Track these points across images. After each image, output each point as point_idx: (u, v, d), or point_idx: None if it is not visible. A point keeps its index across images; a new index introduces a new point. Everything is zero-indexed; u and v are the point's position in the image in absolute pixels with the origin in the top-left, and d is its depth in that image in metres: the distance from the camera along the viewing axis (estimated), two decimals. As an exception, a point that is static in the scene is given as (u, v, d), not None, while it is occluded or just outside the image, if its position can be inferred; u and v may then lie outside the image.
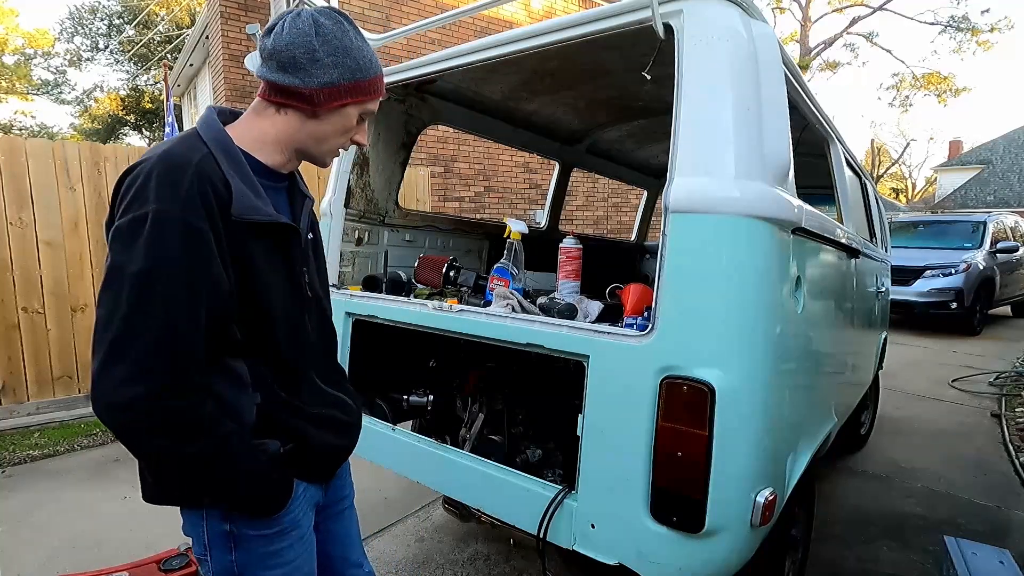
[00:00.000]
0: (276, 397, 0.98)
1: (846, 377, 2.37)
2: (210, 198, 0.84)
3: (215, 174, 0.87)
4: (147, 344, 0.80)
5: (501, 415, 2.06)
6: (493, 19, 8.11)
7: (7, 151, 3.75)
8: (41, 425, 3.85)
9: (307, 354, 1.04)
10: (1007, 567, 1.84)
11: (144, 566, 2.09)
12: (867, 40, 23.08)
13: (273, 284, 0.95)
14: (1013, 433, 3.83)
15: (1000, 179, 26.07)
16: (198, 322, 0.83)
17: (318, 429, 1.04)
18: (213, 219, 0.84)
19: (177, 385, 0.82)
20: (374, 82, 0.98)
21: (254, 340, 0.94)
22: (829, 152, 2.29)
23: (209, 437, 0.86)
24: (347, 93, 0.95)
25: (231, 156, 0.91)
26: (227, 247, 0.86)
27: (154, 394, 0.80)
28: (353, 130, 1.01)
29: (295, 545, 1.04)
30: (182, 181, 0.83)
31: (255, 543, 0.99)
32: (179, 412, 0.83)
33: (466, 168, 7.96)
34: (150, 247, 0.80)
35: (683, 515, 1.23)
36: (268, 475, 0.95)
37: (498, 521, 1.65)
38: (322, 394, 1.08)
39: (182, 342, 0.82)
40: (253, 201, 0.90)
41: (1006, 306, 9.17)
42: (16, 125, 24.48)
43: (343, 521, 1.26)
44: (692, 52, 1.29)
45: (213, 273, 0.84)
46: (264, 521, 0.99)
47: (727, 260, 1.22)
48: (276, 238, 0.95)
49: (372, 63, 0.97)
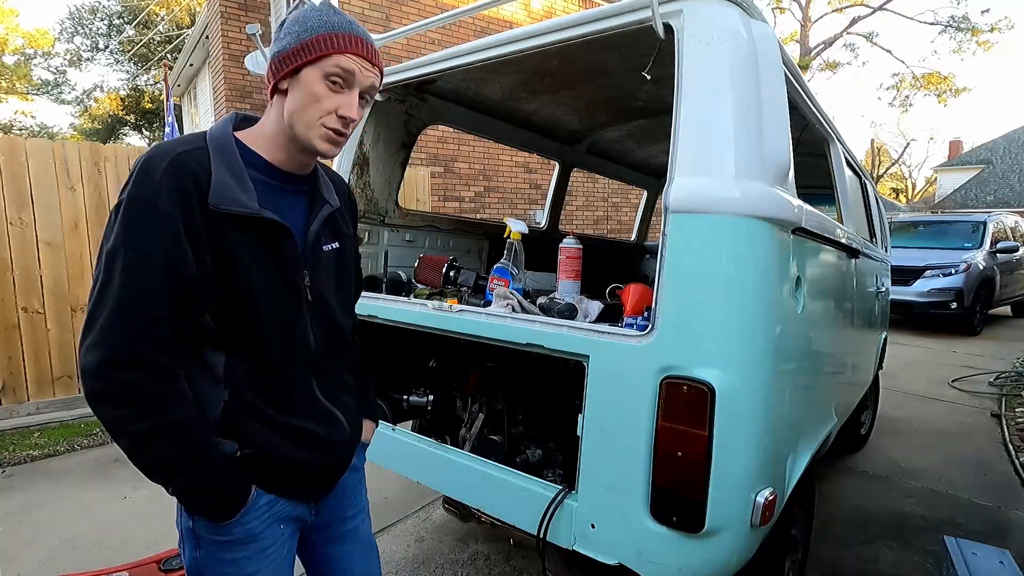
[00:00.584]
0: (243, 397, 0.95)
1: (846, 377, 2.37)
2: (185, 185, 0.86)
3: (198, 166, 0.88)
4: (108, 314, 0.83)
5: (501, 415, 2.06)
6: (493, 19, 8.11)
7: (7, 151, 3.75)
8: (41, 425, 3.85)
9: (303, 360, 1.01)
10: (1007, 567, 1.84)
11: (144, 566, 2.09)
12: (867, 40, 23.09)
13: (258, 280, 0.93)
14: (1013, 433, 3.83)
15: (1000, 179, 26.07)
16: (158, 299, 0.85)
17: (284, 439, 0.99)
18: (186, 205, 0.86)
19: (133, 357, 0.84)
20: (327, 38, 0.90)
21: (236, 334, 0.94)
22: (829, 152, 2.29)
23: (161, 419, 0.86)
24: (295, 56, 0.91)
25: (225, 152, 0.92)
26: (204, 234, 0.87)
27: (109, 361, 0.83)
28: (326, 99, 0.91)
29: (254, 558, 1.00)
30: (156, 169, 0.86)
31: (212, 547, 0.98)
32: (134, 386, 0.84)
33: (466, 168, 7.96)
34: (120, 228, 0.85)
35: (683, 515, 1.22)
36: (217, 475, 0.92)
37: (498, 521, 1.65)
38: (313, 404, 1.04)
39: (140, 315, 0.84)
40: (234, 193, 0.89)
41: (1006, 306, 9.17)
42: (16, 125, 24.50)
43: (345, 544, 1.20)
44: (692, 52, 1.29)
45: (176, 253, 0.85)
46: (216, 526, 0.96)
47: (727, 260, 1.22)
48: (261, 233, 0.93)
49: (325, 23, 0.91)
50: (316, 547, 1.19)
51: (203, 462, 0.91)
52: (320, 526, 1.16)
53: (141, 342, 0.84)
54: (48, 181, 3.91)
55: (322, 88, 0.91)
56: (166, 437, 0.87)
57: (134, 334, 0.84)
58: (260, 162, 0.97)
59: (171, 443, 0.88)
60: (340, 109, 0.93)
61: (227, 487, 0.94)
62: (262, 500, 0.99)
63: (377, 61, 0.97)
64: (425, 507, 2.76)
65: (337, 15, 0.93)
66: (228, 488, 0.94)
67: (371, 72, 0.95)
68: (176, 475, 0.90)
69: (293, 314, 0.99)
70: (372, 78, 0.96)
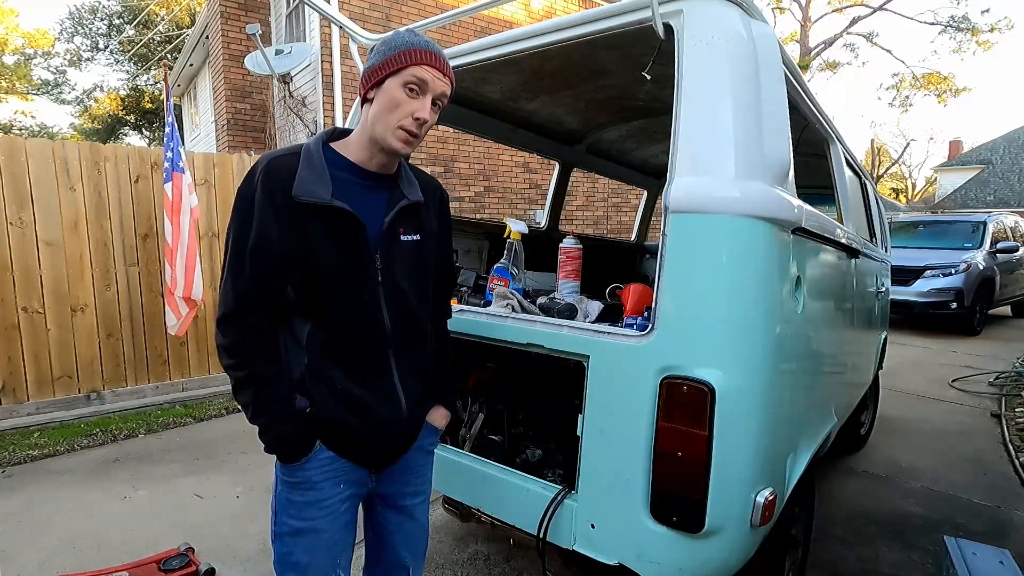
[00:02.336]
0: (317, 363, 1.13)
1: (846, 377, 2.37)
2: (274, 182, 1.07)
3: (288, 166, 1.08)
4: (224, 280, 1.10)
5: (501, 415, 2.06)
6: (493, 19, 8.10)
7: (7, 151, 3.75)
8: (41, 425, 3.85)
9: (374, 336, 1.15)
10: (1007, 567, 1.84)
11: (144, 566, 2.10)
12: (867, 40, 23.04)
13: (333, 259, 1.10)
14: (1013, 433, 3.83)
15: (1000, 179, 26.07)
16: (251, 270, 1.07)
17: (341, 405, 1.14)
18: (275, 196, 1.06)
19: (234, 316, 1.08)
20: (406, 53, 1.07)
21: (314, 306, 1.11)
22: (829, 152, 2.29)
23: (250, 371, 1.09)
24: (381, 69, 1.09)
25: (312, 155, 1.11)
26: (289, 219, 1.06)
27: (221, 318, 1.09)
28: (404, 104, 1.07)
29: (312, 506, 1.16)
30: (256, 169, 1.09)
31: (284, 487, 1.17)
32: (236, 341, 1.09)
33: (466, 168, 7.96)
34: (232, 215, 1.10)
35: (683, 515, 1.23)
36: (285, 423, 1.11)
37: (498, 521, 1.65)
38: (381, 378, 1.17)
39: (238, 283, 1.08)
40: (312, 187, 1.07)
41: (1006, 306, 9.17)
42: (16, 125, 24.50)
43: (403, 517, 1.32)
44: (692, 52, 1.29)
45: (263, 233, 1.06)
46: (287, 468, 1.15)
47: (727, 260, 1.22)
48: (336, 220, 1.08)
49: (406, 42, 1.09)
50: (373, 512, 1.33)
51: (274, 411, 1.11)
52: (381, 494, 1.29)
53: (240, 305, 1.08)
54: (48, 181, 3.90)
55: (401, 95, 1.08)
56: (251, 386, 1.10)
57: (235, 298, 1.08)
58: (345, 163, 1.14)
59: (253, 391, 1.10)
60: (416, 112, 1.08)
61: (291, 435, 1.12)
62: (323, 455, 1.16)
63: (448, 72, 1.12)
64: (425, 507, 2.76)
65: (416, 37, 1.11)
66: (292, 436, 1.12)
67: (442, 81, 1.11)
68: (256, 416, 1.11)
69: (363, 293, 1.13)
70: (443, 86, 1.11)
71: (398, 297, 1.17)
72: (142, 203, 4.30)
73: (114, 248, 4.21)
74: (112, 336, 4.23)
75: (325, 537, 1.17)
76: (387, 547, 1.33)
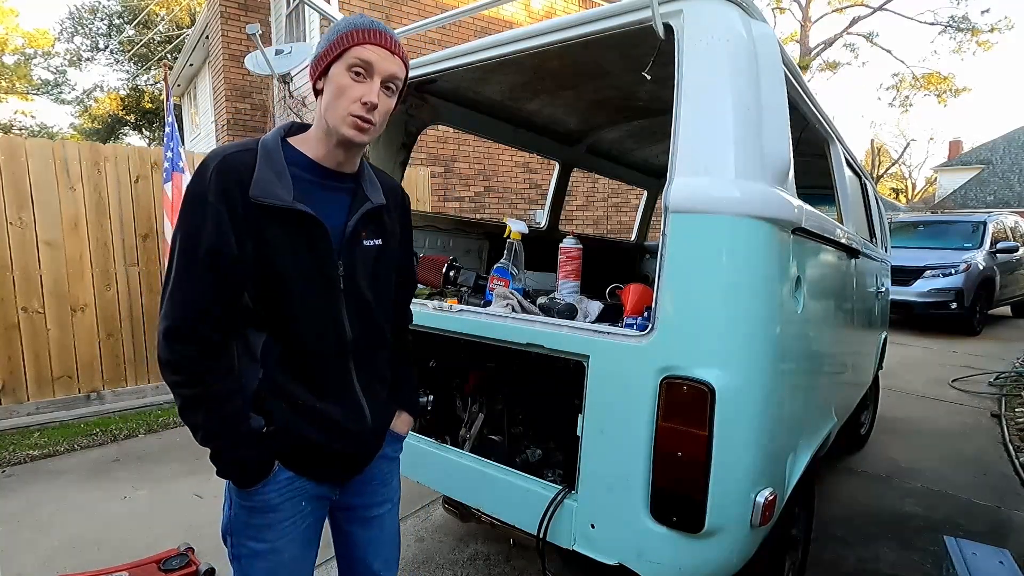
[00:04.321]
0: (273, 377, 1.04)
1: (846, 377, 2.37)
2: (230, 181, 0.97)
3: (244, 165, 0.99)
4: (170, 290, 0.97)
5: (501, 415, 2.06)
6: (493, 19, 8.10)
7: (7, 151, 3.75)
8: (41, 425, 3.85)
9: (336, 347, 1.08)
10: (1007, 567, 1.84)
11: (144, 566, 2.10)
12: (867, 40, 23.05)
13: (292, 266, 1.02)
14: (1013, 433, 3.83)
15: (1000, 179, 26.06)
16: (203, 278, 0.96)
17: (305, 421, 1.06)
18: (230, 197, 0.96)
19: (183, 329, 0.96)
20: (347, 35, 1.00)
21: (272, 316, 1.03)
22: (829, 152, 2.29)
23: (200, 389, 0.98)
24: (325, 55, 1.02)
25: (270, 152, 1.03)
26: (245, 222, 0.97)
27: (166, 332, 0.96)
28: (350, 89, 1.00)
29: (273, 527, 1.08)
30: (209, 167, 0.98)
31: (239, 510, 1.09)
32: (183, 356, 0.97)
33: (466, 168, 7.95)
34: (179, 217, 0.99)
35: (683, 515, 1.23)
36: (241, 447, 1.02)
37: (498, 521, 1.65)
38: (344, 391, 1.11)
39: (187, 292, 0.96)
40: (272, 188, 0.99)
41: (1006, 306, 9.17)
42: (16, 125, 24.49)
43: (372, 528, 1.27)
44: (692, 52, 1.29)
45: (220, 239, 0.96)
46: (242, 492, 1.07)
47: (727, 260, 1.22)
48: (297, 224, 1.01)
49: (347, 23, 1.01)
50: (340, 526, 1.27)
51: (230, 433, 1.01)
52: (346, 507, 1.23)
53: (190, 316, 0.96)
54: (48, 181, 3.90)
55: (346, 80, 1.00)
56: (203, 405, 0.99)
57: (184, 308, 0.96)
58: (304, 161, 1.05)
59: (205, 411, 0.99)
60: (363, 96, 1.00)
61: (249, 459, 1.03)
62: (283, 475, 1.08)
63: (396, 50, 1.03)
64: (425, 507, 2.76)
65: (360, 18, 1.03)
66: (250, 459, 1.03)
67: (391, 60, 1.02)
68: (208, 440, 1.01)
69: (326, 301, 1.06)
70: (392, 67, 1.03)
71: (361, 305, 1.10)
72: (142, 203, 4.30)
73: (114, 248, 4.21)
74: (112, 336, 4.23)
75: (286, 557, 1.11)
76: (358, 562, 1.29)
